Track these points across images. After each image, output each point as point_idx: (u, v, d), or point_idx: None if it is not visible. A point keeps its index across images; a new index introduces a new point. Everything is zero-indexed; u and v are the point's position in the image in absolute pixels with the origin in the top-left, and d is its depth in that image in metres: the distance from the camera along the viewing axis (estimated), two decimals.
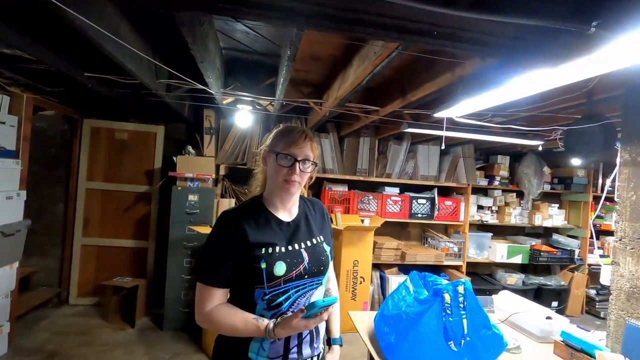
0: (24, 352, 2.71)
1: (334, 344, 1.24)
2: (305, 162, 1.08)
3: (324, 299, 0.98)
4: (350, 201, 3.89)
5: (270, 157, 1.10)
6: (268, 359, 1.02)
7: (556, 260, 4.36)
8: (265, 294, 1.02)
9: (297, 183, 1.08)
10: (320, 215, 1.23)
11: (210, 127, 3.43)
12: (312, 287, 1.09)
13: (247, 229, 1.04)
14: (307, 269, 1.06)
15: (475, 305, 1.34)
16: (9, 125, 2.64)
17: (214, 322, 1.01)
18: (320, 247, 1.14)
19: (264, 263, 1.00)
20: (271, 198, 1.12)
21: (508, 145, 3.95)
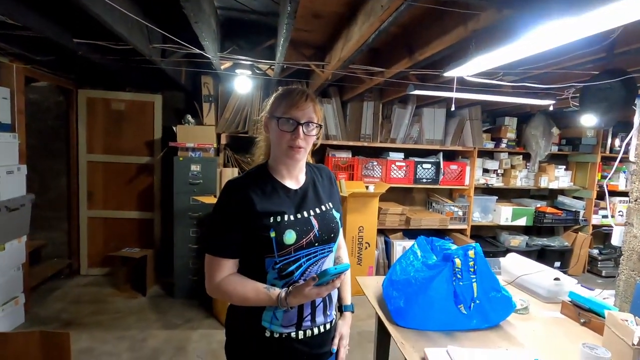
0: (41, 321, 2.80)
1: (346, 311, 1.24)
2: (309, 125, 1.01)
3: (335, 266, 0.95)
4: (355, 168, 3.84)
5: (272, 123, 1.04)
6: (282, 327, 1.01)
7: (560, 222, 4.37)
8: (276, 263, 1.00)
9: (303, 149, 1.02)
10: (328, 181, 1.19)
11: (209, 94, 3.32)
12: (323, 254, 1.06)
13: (254, 198, 1.00)
14: (317, 236, 1.03)
15: (486, 268, 1.33)
16: (1, 98, 2.55)
17: (224, 293, 1.00)
18: (329, 214, 1.10)
19: (274, 232, 0.98)
20: (277, 166, 1.07)
21: (516, 106, 3.83)
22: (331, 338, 1.12)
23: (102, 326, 2.79)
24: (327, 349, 1.11)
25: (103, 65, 2.76)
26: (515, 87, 2.58)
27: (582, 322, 1.49)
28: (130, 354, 2.46)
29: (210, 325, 2.86)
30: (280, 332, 1.01)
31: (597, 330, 1.42)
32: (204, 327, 2.83)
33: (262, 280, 1.01)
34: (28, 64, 2.80)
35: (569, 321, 1.53)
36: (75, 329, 2.72)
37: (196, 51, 2.01)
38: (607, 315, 1.27)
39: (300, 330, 1.03)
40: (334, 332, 1.15)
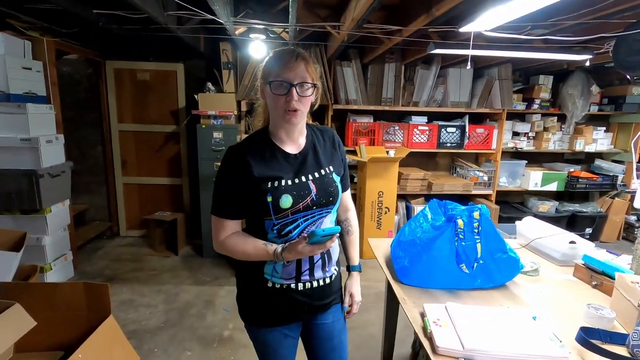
0: (88, 276, 3.13)
1: (353, 271, 1.30)
2: (302, 86, 1.00)
3: (324, 228, 1.00)
4: (376, 132, 3.79)
5: (266, 88, 1.03)
6: (282, 279, 1.09)
7: (596, 187, 4.15)
8: (275, 224, 1.05)
9: (299, 111, 1.01)
10: (330, 144, 1.19)
11: (228, 61, 3.34)
12: (321, 215, 1.10)
13: (252, 163, 1.04)
14: (314, 200, 1.06)
15: (491, 230, 1.32)
16: (35, 71, 2.71)
17: (228, 249, 1.08)
18: (328, 177, 1.12)
19: (270, 197, 1.02)
20: (276, 131, 1.09)
21: (551, 64, 3.56)
22: (332, 291, 1.19)
23: (140, 281, 3.07)
24: (327, 301, 1.18)
25: (126, 36, 2.84)
26: (547, 42, 2.38)
27: (593, 285, 1.47)
28: (165, 306, 2.71)
29: None
30: (280, 283, 1.09)
31: (608, 292, 1.40)
32: (230, 284, 3.04)
33: (263, 238, 1.07)
34: (56, 38, 2.92)
35: (581, 284, 1.52)
36: (117, 283, 3.01)
37: (207, 16, 2.01)
38: (617, 276, 1.25)
39: (300, 283, 1.10)
40: (336, 286, 1.21)
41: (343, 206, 1.29)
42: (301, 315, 1.16)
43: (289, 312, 1.13)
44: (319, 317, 1.20)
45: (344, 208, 1.30)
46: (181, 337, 2.36)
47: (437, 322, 1.12)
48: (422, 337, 1.11)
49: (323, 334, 1.22)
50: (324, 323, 1.21)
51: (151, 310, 2.65)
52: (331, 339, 1.23)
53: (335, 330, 1.23)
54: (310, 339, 1.25)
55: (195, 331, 2.42)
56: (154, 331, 2.41)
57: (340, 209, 1.29)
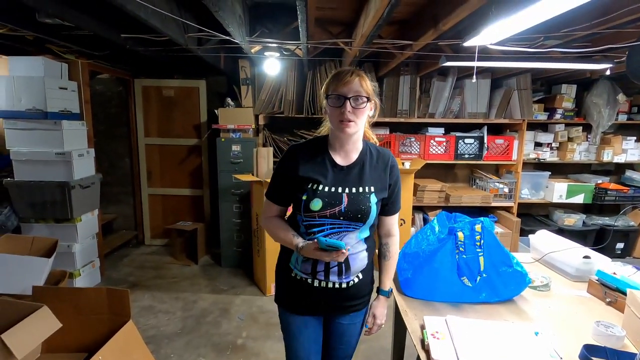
0: (113, 282, 3.29)
1: (381, 295, 1.32)
2: (357, 99, 1.09)
3: (327, 238, 1.06)
4: (391, 144, 3.80)
5: (325, 103, 1.15)
6: (301, 272, 1.21)
7: (627, 200, 3.94)
8: (303, 220, 1.17)
9: (353, 122, 1.09)
10: (382, 167, 1.22)
11: (246, 77, 3.48)
12: (348, 229, 1.16)
13: (301, 163, 1.17)
14: (342, 211, 1.13)
15: (494, 243, 1.32)
16: (70, 91, 2.94)
17: (267, 228, 1.26)
18: (364, 196, 1.16)
19: (306, 196, 1.13)
20: (332, 140, 1.20)
21: (573, 73, 3.46)
22: (351, 297, 1.24)
23: (161, 288, 3.20)
24: (346, 304, 1.24)
25: (152, 56, 3.03)
26: (564, 53, 2.34)
27: (607, 302, 1.42)
28: (183, 313, 2.81)
29: (252, 292, 3.14)
30: (301, 276, 1.21)
31: (623, 310, 1.35)
32: (246, 294, 3.10)
33: (296, 230, 1.20)
34: (90, 60, 3.16)
35: (594, 300, 1.47)
36: (139, 289, 3.15)
37: (223, 37, 2.14)
38: (628, 293, 1.21)
39: (315, 280, 1.20)
40: (357, 294, 1.24)
41: (385, 230, 1.31)
42: (320, 310, 1.26)
43: (309, 303, 1.23)
44: (338, 317, 1.28)
45: (387, 232, 1.32)
46: (196, 343, 2.44)
47: (435, 335, 1.12)
48: (419, 349, 1.12)
49: (335, 330, 1.30)
50: (340, 323, 1.29)
51: (169, 316, 2.75)
52: (341, 336, 1.31)
53: (347, 331, 1.30)
54: (325, 332, 1.33)
55: (210, 338, 2.49)
56: (171, 337, 2.50)
57: (382, 232, 1.32)
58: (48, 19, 2.01)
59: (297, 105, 3.53)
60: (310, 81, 3.45)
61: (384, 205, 1.23)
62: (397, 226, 1.34)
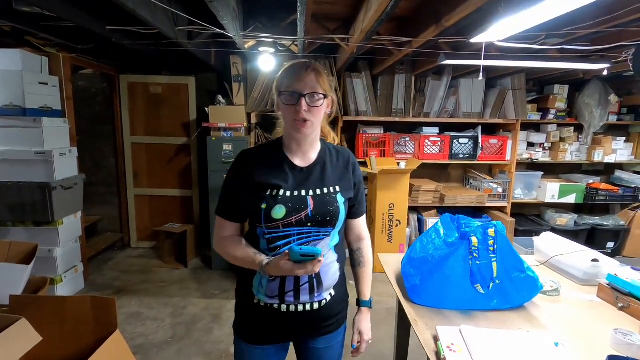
0: (98, 288, 3.13)
1: (363, 307, 1.21)
2: (313, 96, 0.99)
3: (302, 246, 0.94)
4: (386, 144, 3.75)
5: (279, 100, 1.04)
6: (266, 296, 1.05)
7: (617, 199, 3.99)
8: (265, 233, 1.03)
9: (309, 121, 1.00)
10: (343, 165, 1.14)
11: (238, 74, 3.37)
12: (317, 237, 1.04)
13: (257, 169, 1.04)
14: (309, 216, 1.01)
15: (507, 248, 1.26)
16: (51, 86, 2.78)
17: (223, 250, 1.08)
18: (331, 196, 1.06)
19: (265, 204, 1.01)
20: (288, 141, 1.09)
21: (567, 73, 3.47)
22: (324, 317, 1.11)
23: (149, 293, 3.06)
24: (319, 326, 1.11)
25: (139, 51, 2.89)
26: (563, 51, 2.32)
27: (619, 307, 1.38)
28: (172, 319, 2.68)
29: None
30: (265, 302, 1.05)
31: (636, 316, 1.32)
32: None
33: (256, 247, 1.05)
34: (72, 53, 3.00)
35: (605, 305, 1.43)
36: (125, 295, 3.01)
37: (216, 31, 2.03)
38: None
39: (284, 304, 1.04)
40: (330, 313, 1.12)
41: (355, 234, 1.22)
42: (289, 337, 1.13)
43: (275, 332, 1.09)
44: (310, 341, 1.15)
45: (357, 236, 1.23)
46: (187, 352, 2.32)
47: (451, 347, 1.06)
48: None
49: (311, 356, 1.17)
50: (315, 348, 1.15)
51: (158, 323, 2.63)
52: None
53: (325, 356, 1.17)
54: (298, 359, 1.21)
55: (202, 346, 2.38)
56: (161, 345, 2.38)
57: (352, 238, 1.23)
58: (26, 7, 1.87)
59: None
60: None
61: (351, 207, 1.15)
62: (366, 228, 1.25)
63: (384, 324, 2.65)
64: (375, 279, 3.72)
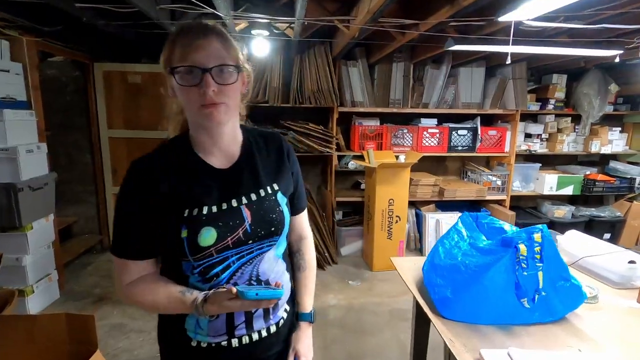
0: (75, 297, 2.86)
1: (302, 321, 0.97)
2: (222, 71, 0.73)
3: (258, 291, 0.72)
4: (383, 136, 3.58)
5: (172, 80, 0.75)
6: (209, 337, 0.82)
7: (613, 190, 3.96)
8: (194, 267, 0.79)
9: (222, 104, 0.74)
10: (276, 154, 0.91)
11: None
12: (261, 250, 0.83)
13: (162, 183, 0.77)
14: (248, 232, 0.80)
15: (554, 254, 1.10)
16: (14, 74, 2.46)
17: (135, 299, 0.80)
18: (270, 200, 0.85)
19: (185, 230, 0.75)
20: (197, 136, 0.81)
21: (569, 61, 3.37)
22: (281, 340, 0.92)
23: None
24: (275, 350, 0.92)
25: (115, 35, 2.60)
26: (572, 36, 2.19)
27: None
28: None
29: None
30: (208, 342, 0.83)
31: None
32: None
33: (183, 283, 0.80)
34: (39, 37, 2.67)
35: None
36: (106, 304, 2.75)
37: (207, 10, 1.78)
38: None
39: (234, 339, 0.83)
40: (286, 333, 0.94)
41: (296, 234, 1.00)
42: None
43: None
44: None
45: (297, 236, 1.01)
46: None
47: None
48: None
49: None
50: None
51: (143, 336, 2.39)
52: None
53: None
54: None
55: None
56: None
57: (292, 238, 1.00)
58: None
59: (283, 94, 3.21)
60: (298, 66, 3.14)
61: (290, 202, 0.93)
62: (308, 225, 1.04)
63: (388, 327, 2.51)
64: (374, 277, 3.52)
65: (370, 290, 3.01)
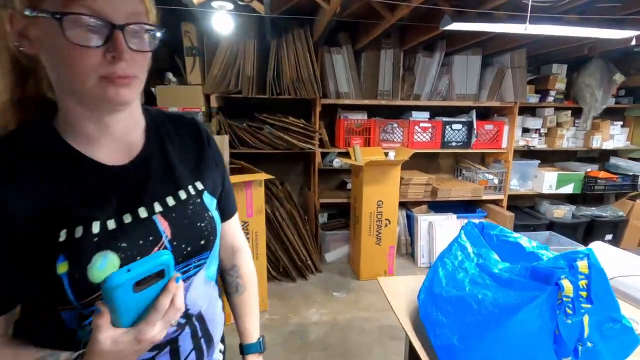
0: None
1: (249, 354, 0.79)
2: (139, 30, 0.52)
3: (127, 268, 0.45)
4: (371, 131, 3.25)
5: (46, 26, 0.48)
6: None
7: (615, 188, 3.72)
8: (84, 316, 0.53)
9: (134, 78, 0.53)
10: (194, 142, 0.68)
11: (192, 46, 2.73)
12: (187, 274, 0.61)
13: (15, 194, 0.49)
14: (169, 249, 0.57)
15: (605, 290, 0.79)
16: None
17: None
18: (195, 204, 0.63)
19: (65, 263, 0.49)
20: (76, 122, 0.55)
21: (571, 49, 3.09)
22: None
23: None
24: None
25: None
26: (584, 13, 1.90)
27: None
28: None
29: None
30: None
31: None
32: None
33: (68, 342, 0.54)
34: None
35: None
36: None
37: None
38: None
39: None
40: None
41: (227, 246, 0.80)
42: None
43: None
44: None
45: (230, 249, 0.80)
46: None
47: None
48: None
49: None
50: None
51: None
52: None
53: None
54: None
55: None
56: None
57: (223, 252, 0.79)
58: None
59: (258, 83, 2.86)
60: (275, 52, 2.78)
61: (218, 204, 0.72)
62: (241, 233, 0.83)
63: (378, 347, 2.20)
64: (362, 287, 3.09)
65: (357, 302, 2.69)
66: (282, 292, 2.81)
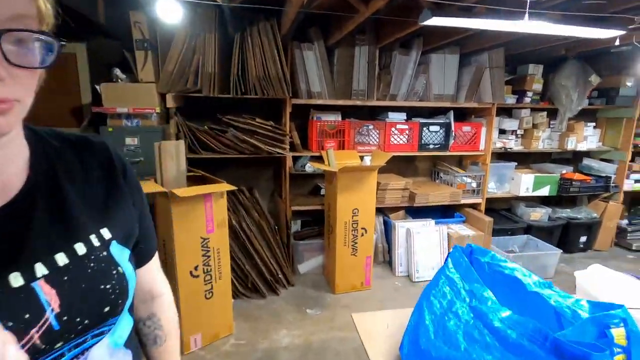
0: None
1: None
2: (22, 40, 0.40)
3: None
4: (345, 133, 3.06)
5: None
6: None
7: (589, 190, 3.71)
8: None
9: (15, 103, 0.40)
10: (102, 174, 0.55)
11: (144, 38, 2.42)
12: (82, 347, 0.47)
13: None
14: (55, 328, 0.43)
15: None
16: None
17: None
18: (99, 259, 0.49)
19: None
20: None
21: (549, 49, 3.00)
22: None
23: None
24: None
25: None
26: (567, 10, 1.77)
27: None
28: None
29: None
30: None
31: None
32: None
33: None
34: None
35: None
36: None
37: None
38: None
39: None
40: None
41: (143, 292, 0.67)
42: None
43: None
44: None
45: (147, 296, 0.68)
46: None
47: None
48: None
49: None
50: None
51: None
52: None
53: None
54: None
55: None
56: None
57: (138, 300, 0.67)
58: None
59: (221, 81, 2.58)
60: (239, 47, 2.52)
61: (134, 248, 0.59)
62: (162, 275, 0.72)
63: None
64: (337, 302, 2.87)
65: (333, 320, 2.48)
66: (251, 311, 2.57)
